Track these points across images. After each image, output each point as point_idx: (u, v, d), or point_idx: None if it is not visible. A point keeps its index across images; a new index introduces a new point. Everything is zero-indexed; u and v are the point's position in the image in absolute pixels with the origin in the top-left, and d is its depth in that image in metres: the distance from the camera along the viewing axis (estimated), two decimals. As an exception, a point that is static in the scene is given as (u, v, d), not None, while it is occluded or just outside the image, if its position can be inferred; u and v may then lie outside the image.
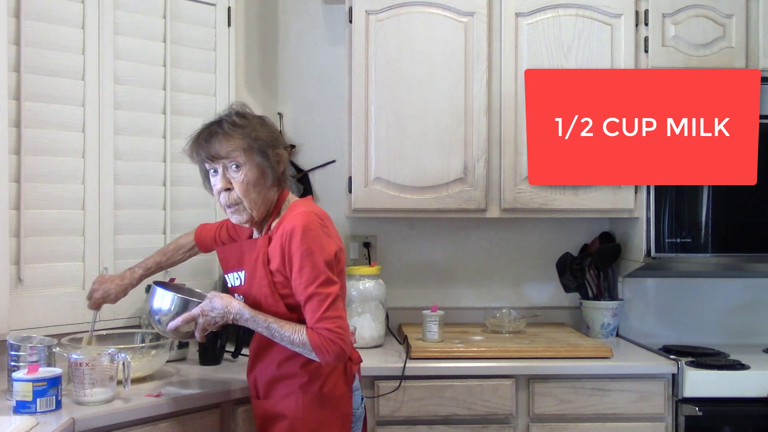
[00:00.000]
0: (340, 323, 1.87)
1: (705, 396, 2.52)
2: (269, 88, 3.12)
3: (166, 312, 2.01)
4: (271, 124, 2.08)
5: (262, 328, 1.92)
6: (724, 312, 3.12)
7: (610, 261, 3.00)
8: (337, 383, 1.99)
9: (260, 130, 2.00)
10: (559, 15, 2.81)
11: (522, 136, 2.80)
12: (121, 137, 2.55)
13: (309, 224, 1.90)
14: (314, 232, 1.90)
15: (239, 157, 1.95)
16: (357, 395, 2.06)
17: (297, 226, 1.90)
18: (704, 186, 2.74)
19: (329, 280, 1.89)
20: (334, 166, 3.12)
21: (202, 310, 1.95)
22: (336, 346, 1.85)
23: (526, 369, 2.53)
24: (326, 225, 1.96)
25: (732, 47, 2.81)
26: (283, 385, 1.99)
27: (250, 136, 1.97)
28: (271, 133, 2.03)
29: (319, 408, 1.96)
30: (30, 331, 2.24)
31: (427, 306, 2.81)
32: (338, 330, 1.86)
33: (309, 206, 2.01)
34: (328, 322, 1.86)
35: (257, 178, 1.97)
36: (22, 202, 2.29)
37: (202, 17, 2.78)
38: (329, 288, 1.88)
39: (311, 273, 1.87)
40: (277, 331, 1.90)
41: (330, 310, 1.86)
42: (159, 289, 2.07)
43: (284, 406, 1.98)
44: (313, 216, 1.93)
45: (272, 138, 2.02)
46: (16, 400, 1.86)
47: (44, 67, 2.35)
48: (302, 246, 1.88)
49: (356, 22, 2.78)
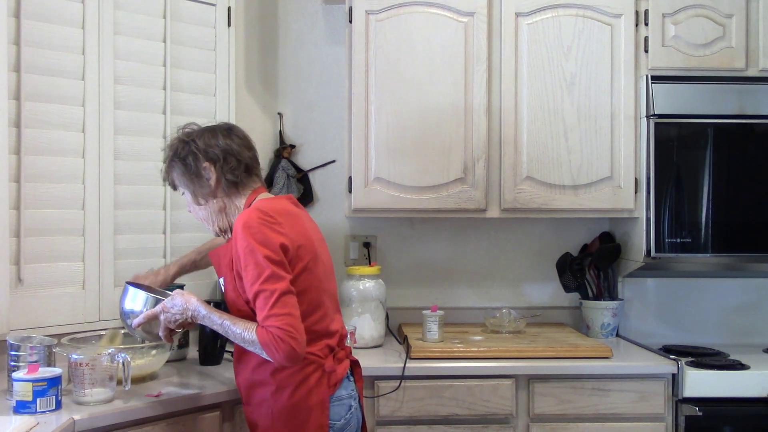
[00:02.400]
0: (289, 320, 1.80)
1: (705, 396, 2.52)
2: (269, 88, 3.12)
3: (137, 312, 2.04)
4: (199, 140, 2.03)
5: (216, 326, 1.92)
6: (724, 312, 3.13)
7: (610, 261, 3.00)
8: (310, 393, 1.91)
9: (183, 153, 2.04)
10: (559, 15, 2.81)
11: (522, 136, 2.80)
12: (121, 137, 2.55)
13: (248, 221, 1.87)
14: (254, 229, 1.85)
15: (177, 185, 2.10)
16: (340, 406, 1.98)
17: (238, 225, 1.88)
18: (704, 186, 2.74)
19: (274, 276, 1.82)
20: (334, 166, 3.12)
21: (164, 307, 1.97)
22: (285, 344, 1.78)
23: (526, 369, 2.53)
24: (274, 221, 1.89)
25: (732, 47, 2.81)
26: (258, 392, 1.96)
27: (171, 163, 2.07)
28: (192, 150, 2.02)
29: (288, 418, 1.91)
30: (30, 331, 2.24)
31: (427, 306, 2.81)
32: (287, 327, 1.79)
33: (263, 204, 1.96)
34: (276, 319, 1.79)
35: (192, 198, 2.07)
36: (22, 202, 2.29)
37: (202, 17, 2.78)
38: (275, 284, 1.82)
39: (254, 270, 1.83)
40: (229, 328, 1.88)
41: (276, 306, 1.80)
42: (131, 288, 2.10)
43: (258, 414, 1.96)
44: (255, 212, 1.89)
45: (193, 156, 2.02)
46: (16, 400, 1.86)
47: (44, 67, 2.35)
48: (243, 243, 1.85)
49: (356, 22, 2.79)
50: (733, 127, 2.76)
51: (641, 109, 2.81)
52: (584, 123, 2.81)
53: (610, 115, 2.81)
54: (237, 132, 2.10)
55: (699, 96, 2.76)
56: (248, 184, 2.07)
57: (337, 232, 3.10)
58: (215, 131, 2.07)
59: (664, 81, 2.77)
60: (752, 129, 2.76)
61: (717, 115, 2.75)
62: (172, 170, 2.08)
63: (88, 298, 2.45)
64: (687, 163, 2.76)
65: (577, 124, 2.81)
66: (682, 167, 2.76)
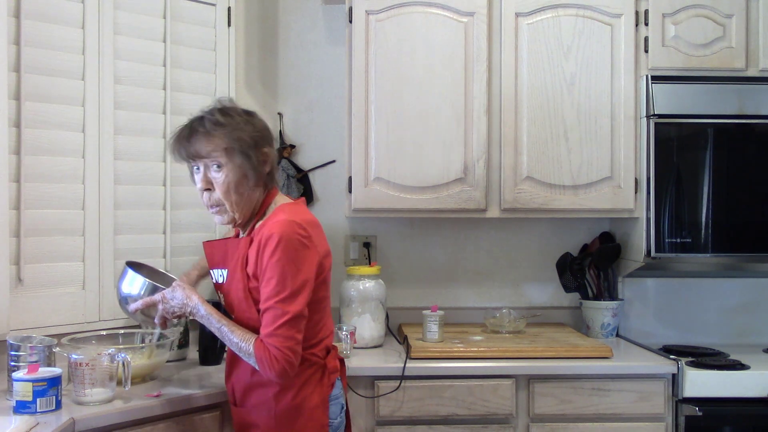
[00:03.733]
0: (291, 345, 1.81)
1: (705, 396, 2.52)
2: (269, 88, 3.12)
3: (135, 296, 2.06)
4: (259, 122, 2.00)
5: (214, 329, 1.92)
6: (724, 312, 3.13)
7: (610, 261, 3.00)
8: (311, 393, 1.93)
9: (244, 129, 1.92)
10: (559, 15, 2.81)
11: (522, 136, 2.80)
12: (121, 137, 2.54)
13: (288, 236, 1.83)
14: (292, 245, 1.83)
15: (220, 158, 1.90)
16: (336, 404, 2.01)
17: (275, 234, 1.83)
18: (704, 186, 2.74)
19: (292, 297, 1.82)
20: (334, 166, 3.12)
21: (163, 297, 1.97)
22: (279, 365, 1.80)
23: (526, 369, 2.53)
24: (309, 234, 1.87)
25: (732, 47, 2.81)
26: (256, 394, 1.95)
27: (231, 135, 1.90)
28: (256, 131, 1.95)
29: (292, 419, 1.91)
30: (30, 331, 2.24)
31: (427, 306, 2.81)
32: (287, 352, 1.80)
33: (295, 212, 1.93)
34: (279, 339, 1.81)
35: (238, 180, 1.92)
36: (22, 202, 2.29)
37: (202, 17, 2.78)
38: (290, 306, 1.81)
39: (277, 286, 1.82)
40: (227, 334, 1.89)
41: (283, 327, 1.81)
42: (130, 271, 2.12)
43: (257, 415, 1.95)
44: (294, 226, 1.85)
45: (257, 137, 1.94)
46: (16, 400, 1.86)
47: (44, 67, 2.35)
48: (274, 256, 1.83)
49: (356, 22, 2.79)
50: (733, 127, 2.76)
51: (641, 109, 2.81)
52: (584, 123, 2.81)
53: (610, 115, 2.81)
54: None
55: (699, 96, 2.76)
56: (275, 180, 2.04)
57: (337, 232, 3.10)
58: (252, 114, 2.01)
59: (664, 81, 2.77)
60: (752, 129, 2.76)
61: (717, 115, 2.75)
62: (224, 141, 1.90)
63: (88, 298, 2.45)
64: (687, 163, 2.76)
65: (577, 124, 2.80)
66: (682, 167, 2.76)
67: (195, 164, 1.95)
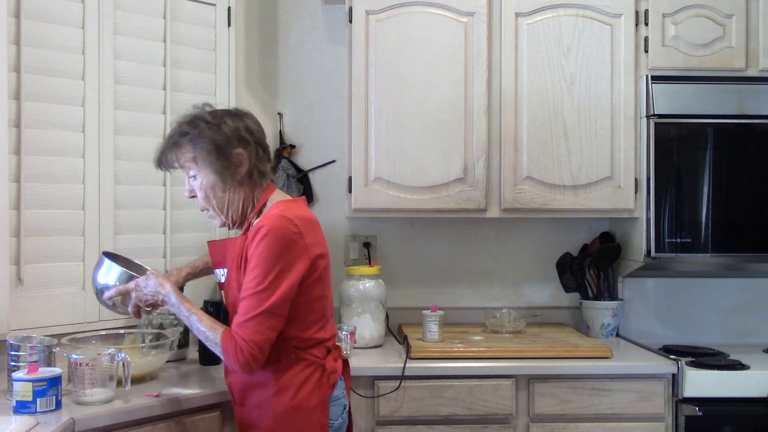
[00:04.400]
0: (258, 339, 1.80)
1: (705, 396, 2.52)
2: (269, 88, 3.12)
3: (110, 286, 2.07)
4: (231, 124, 1.95)
5: (184, 317, 1.94)
6: (724, 312, 3.13)
7: (610, 261, 3.00)
8: (311, 394, 1.92)
9: (207, 135, 1.92)
10: (559, 15, 2.81)
11: (522, 136, 2.80)
12: (121, 137, 2.55)
13: (276, 229, 1.83)
14: (279, 239, 1.82)
15: (191, 167, 1.97)
16: (337, 405, 2.00)
17: (264, 227, 1.84)
18: (704, 186, 2.74)
19: (270, 292, 1.81)
20: (334, 166, 3.12)
21: (137, 285, 2.01)
22: (243, 356, 1.81)
23: (526, 369, 2.53)
24: (300, 231, 1.86)
25: (732, 47, 2.81)
26: (256, 394, 1.95)
27: (195, 144, 1.93)
28: (220, 135, 1.93)
29: (291, 419, 1.90)
30: (30, 331, 2.24)
31: (427, 306, 2.81)
32: (252, 344, 1.80)
33: (289, 208, 1.91)
34: (248, 331, 1.81)
35: (213, 184, 1.95)
36: (22, 202, 2.29)
37: (202, 17, 2.78)
38: (266, 300, 1.81)
39: (257, 278, 1.82)
40: (195, 323, 1.91)
41: (255, 320, 1.80)
42: (106, 260, 2.13)
43: (257, 415, 1.94)
44: (284, 221, 1.85)
45: (221, 141, 1.93)
46: (16, 400, 1.86)
47: (44, 67, 2.35)
48: (259, 248, 1.83)
49: (356, 22, 2.79)
50: (733, 127, 2.76)
51: (641, 109, 2.81)
52: (584, 123, 2.81)
53: (610, 115, 2.81)
54: (255, 119, 2.05)
55: (699, 96, 2.76)
56: (268, 177, 2.04)
57: (337, 232, 3.10)
58: (239, 115, 2.00)
59: (664, 81, 2.77)
60: (752, 129, 2.76)
61: (717, 115, 2.75)
62: (190, 150, 1.95)
63: (88, 298, 2.45)
64: (687, 163, 2.76)
65: (577, 124, 2.81)
66: (682, 167, 2.76)
67: (183, 171, 2.02)
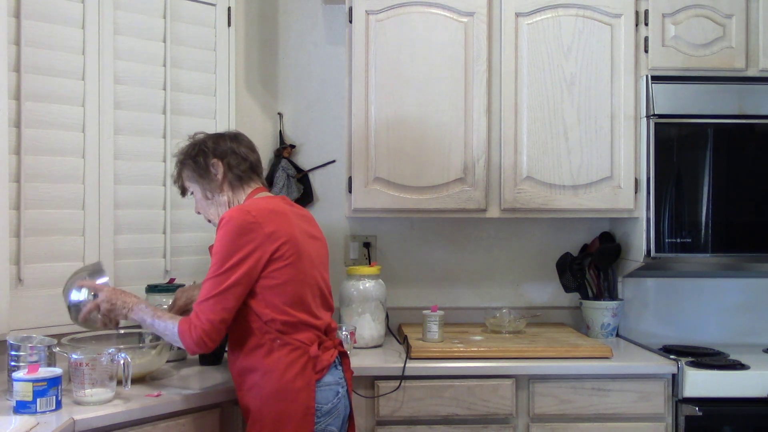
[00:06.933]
0: (211, 317, 1.93)
1: (705, 396, 2.52)
2: (269, 88, 3.12)
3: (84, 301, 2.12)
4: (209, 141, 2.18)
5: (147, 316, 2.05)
6: (724, 312, 3.13)
7: (610, 261, 3.00)
8: (296, 377, 1.99)
9: (187, 151, 2.18)
10: (559, 15, 2.81)
11: (522, 136, 2.80)
12: (121, 137, 2.55)
13: (232, 219, 1.98)
14: (233, 228, 1.96)
15: (189, 185, 2.21)
16: (327, 390, 2.05)
17: (224, 219, 2.00)
18: (704, 186, 2.74)
19: (227, 275, 1.94)
20: (334, 166, 3.12)
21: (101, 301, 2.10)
22: (196, 332, 1.93)
23: (526, 369, 2.53)
24: (256, 220, 1.98)
25: (732, 47, 2.81)
26: (249, 378, 2.03)
27: (184, 165, 2.20)
28: (191, 149, 2.18)
29: (276, 400, 1.98)
30: (30, 331, 2.24)
31: (427, 306, 2.81)
32: (206, 322, 1.92)
33: (254, 203, 2.07)
34: (204, 311, 1.94)
35: (201, 196, 2.19)
36: (22, 202, 2.29)
37: (202, 17, 2.78)
38: (222, 284, 1.94)
39: (216, 264, 1.96)
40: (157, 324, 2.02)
41: (211, 300, 1.94)
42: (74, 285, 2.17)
43: (249, 399, 2.03)
44: (240, 212, 2.00)
45: (191, 153, 2.17)
46: (16, 400, 1.86)
47: (44, 67, 2.35)
48: (218, 237, 1.99)
49: (356, 22, 2.78)
50: (733, 127, 2.76)
51: (641, 109, 2.81)
52: (584, 123, 2.81)
53: (610, 115, 2.81)
54: (243, 138, 2.25)
55: (699, 96, 2.76)
56: (251, 182, 2.20)
57: (337, 232, 3.10)
58: (223, 136, 2.23)
59: (664, 81, 2.76)
60: (752, 129, 2.76)
61: (717, 115, 2.75)
62: (182, 171, 2.21)
63: (88, 298, 2.45)
64: (687, 163, 2.76)
65: (577, 124, 2.81)
66: (682, 167, 2.76)
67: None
